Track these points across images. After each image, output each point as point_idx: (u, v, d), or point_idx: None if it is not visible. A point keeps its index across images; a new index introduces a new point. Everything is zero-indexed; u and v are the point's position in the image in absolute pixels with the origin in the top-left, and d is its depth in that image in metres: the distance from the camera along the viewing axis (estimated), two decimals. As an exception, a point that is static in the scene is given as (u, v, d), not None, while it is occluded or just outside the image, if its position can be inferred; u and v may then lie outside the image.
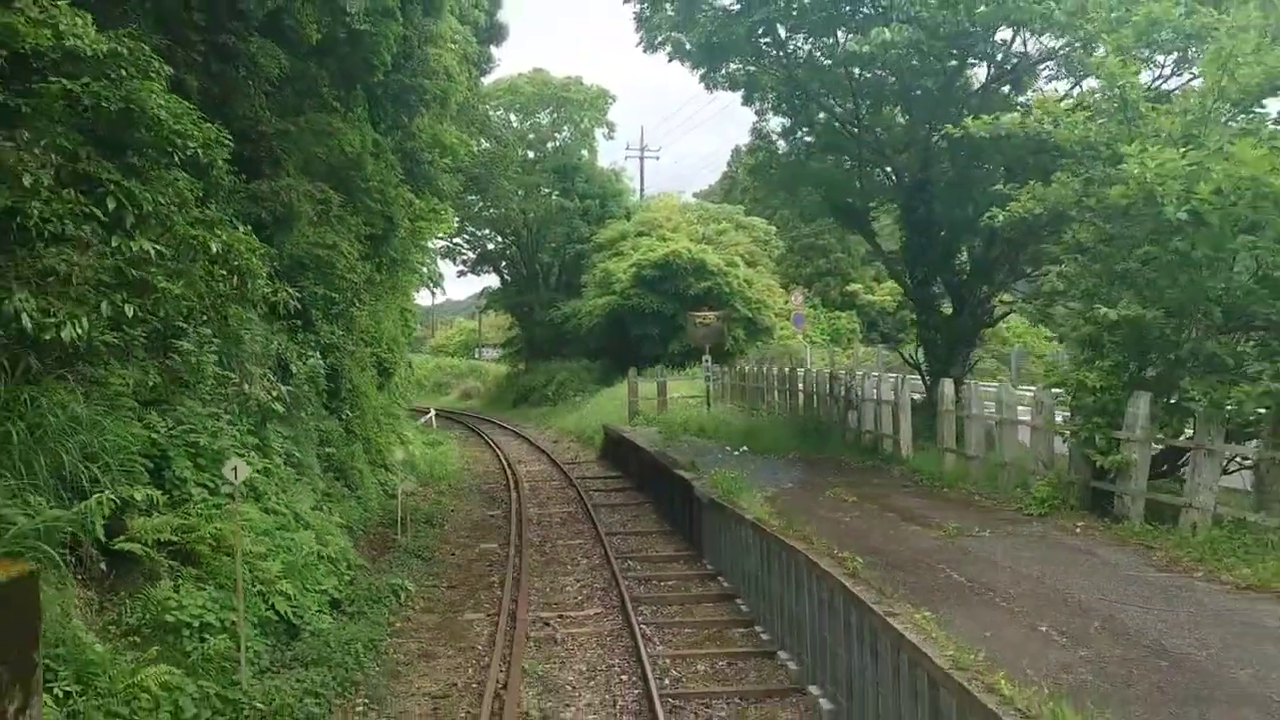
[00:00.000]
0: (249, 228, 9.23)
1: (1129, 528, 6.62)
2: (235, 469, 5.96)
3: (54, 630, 4.89)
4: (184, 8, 9.02)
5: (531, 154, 40.81)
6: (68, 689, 4.85)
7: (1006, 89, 12.63)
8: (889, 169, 13.50)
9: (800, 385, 15.05)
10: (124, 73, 6.41)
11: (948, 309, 13.33)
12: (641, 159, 46.89)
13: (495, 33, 29.52)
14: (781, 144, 16.29)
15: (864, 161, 13.60)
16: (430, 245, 24.76)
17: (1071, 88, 11.39)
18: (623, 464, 17.05)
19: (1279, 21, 7.29)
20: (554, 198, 40.03)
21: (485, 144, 37.31)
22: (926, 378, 12.58)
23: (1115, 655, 4.19)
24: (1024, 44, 11.37)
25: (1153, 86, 10.04)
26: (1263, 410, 5.76)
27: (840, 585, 5.57)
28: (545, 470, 18.34)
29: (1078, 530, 6.79)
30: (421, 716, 6.16)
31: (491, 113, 38.08)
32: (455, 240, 41.15)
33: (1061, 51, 10.72)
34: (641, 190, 47.81)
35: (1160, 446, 6.98)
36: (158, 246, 6.65)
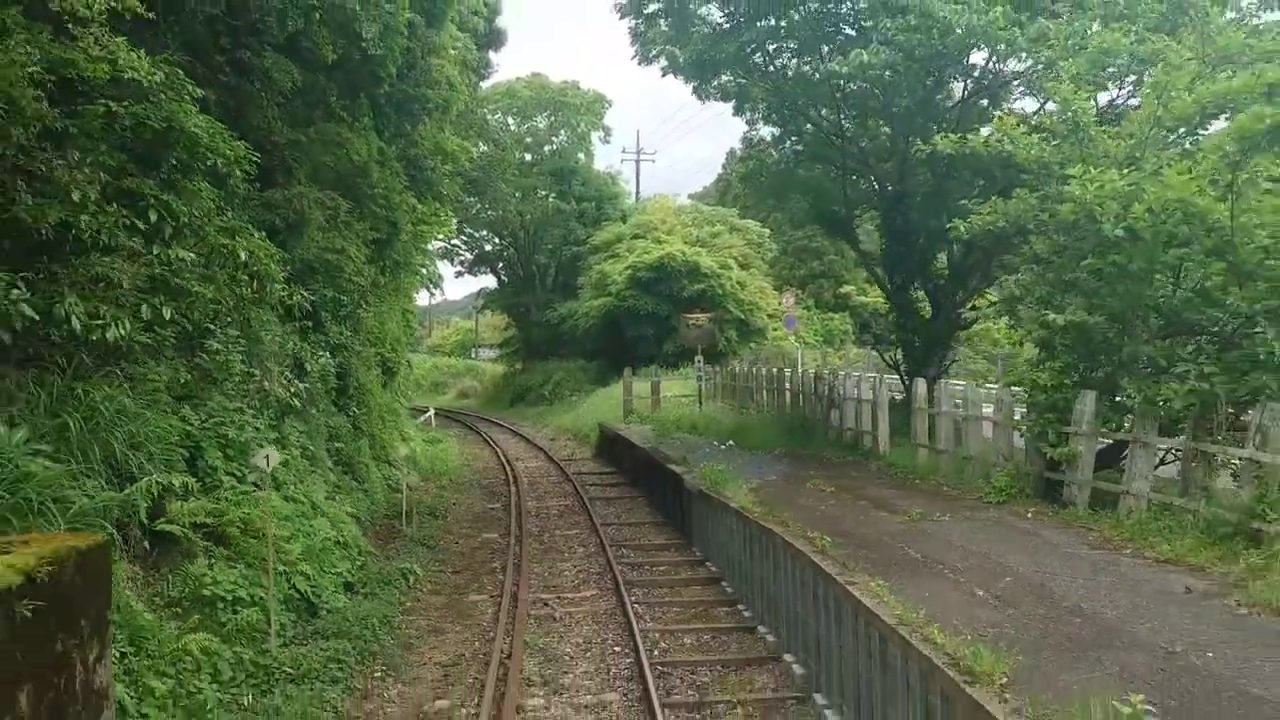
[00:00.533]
0: (263, 233, 9.85)
1: (1074, 513, 7.31)
2: (266, 457, 6.60)
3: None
4: (209, 30, 9.64)
5: (529, 156, 41.42)
6: (123, 650, 5.48)
7: (985, 102, 13.33)
8: (872, 178, 14.18)
9: (787, 385, 15.73)
10: (164, 96, 7.04)
11: (928, 312, 14.03)
12: (638, 162, 47.54)
13: (494, 38, 30.17)
14: (772, 153, 16.98)
15: (848, 171, 14.29)
16: (429, 247, 25.39)
17: (1041, 106, 12.09)
18: (617, 460, 17.69)
19: (1216, 54, 8.00)
20: (551, 200, 40.68)
21: (484, 147, 37.96)
22: (905, 378, 13.28)
23: (1038, 614, 4.86)
24: (995, 65, 12.06)
25: (1113, 104, 10.77)
26: (1189, 406, 6.44)
27: (810, 561, 6.24)
28: (542, 466, 18.97)
29: (1029, 515, 7.48)
30: (434, 681, 6.81)
31: (489, 116, 38.74)
32: (453, 241, 41.71)
33: (1026, 74, 11.42)
34: (637, 193, 48.46)
35: (1105, 440, 7.67)
36: (192, 254, 7.29)
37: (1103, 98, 10.49)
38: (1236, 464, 6.23)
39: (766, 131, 17.05)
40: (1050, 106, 9.78)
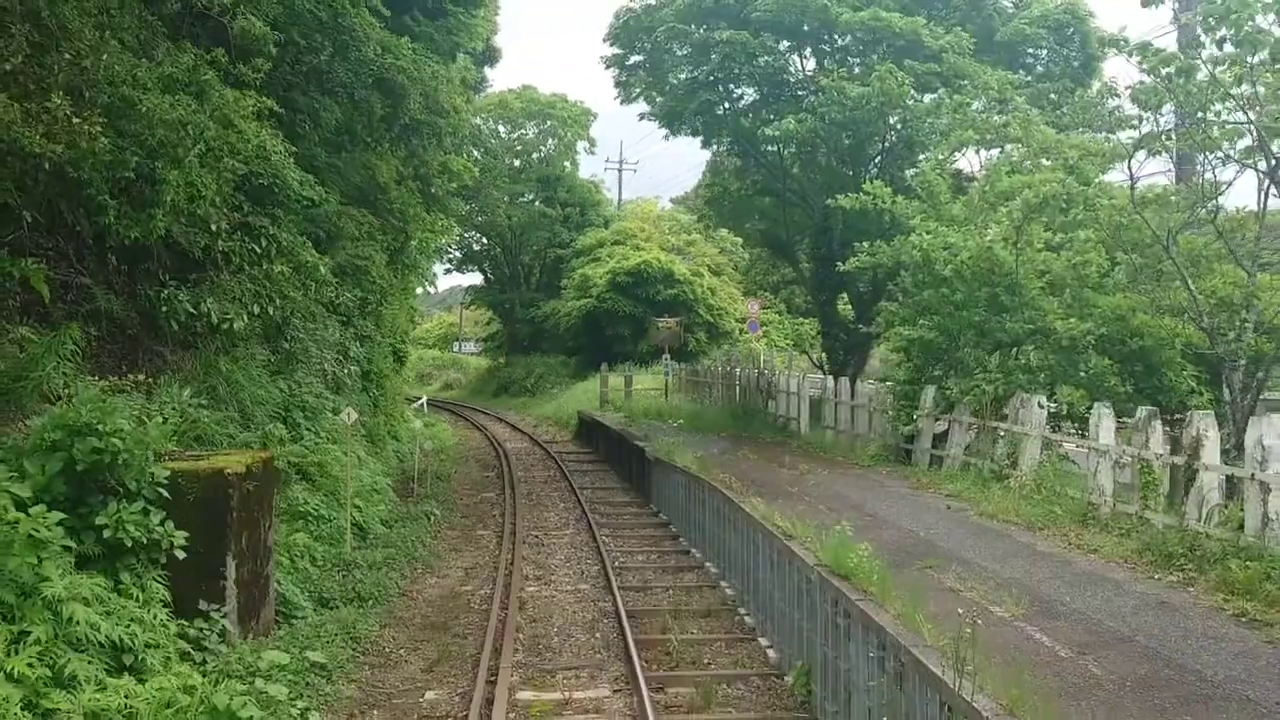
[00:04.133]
0: (308, 242, 12.56)
1: (915, 470, 10.34)
2: (348, 414, 9.40)
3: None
4: (280, 82, 12.31)
5: (517, 162, 44.01)
6: (259, 538, 8.23)
7: (911, 150, 16.38)
8: (810, 212, 17.24)
9: (737, 381, 18.74)
10: (270, 158, 9.76)
11: (854, 321, 17.09)
12: (620, 172, 50.38)
13: (490, 56, 32.81)
14: (734, 181, 20.01)
15: (789, 205, 17.33)
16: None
17: (947, 156, 15.18)
18: (593, 442, 20.58)
19: (1038, 144, 11.09)
20: (537, 205, 43.33)
21: (477, 154, 40.50)
22: (828, 377, 16.31)
23: (849, 516, 7.82)
24: (907, 126, 15.15)
25: (965, 176, 13.89)
26: (980, 397, 9.47)
27: (722, 495, 9.19)
28: (528, 447, 21.80)
29: (884, 472, 10.51)
30: (459, 577, 9.66)
31: (482, 124, 41.30)
32: (443, 241, 44.11)
33: (927, 134, 14.50)
34: (620, 199, 51.35)
35: (940, 422, 10.71)
36: (287, 268, 10.05)
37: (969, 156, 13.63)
38: (1003, 434, 9.28)
39: (730, 162, 20.08)
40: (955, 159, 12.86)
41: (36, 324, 7.52)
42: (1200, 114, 8.19)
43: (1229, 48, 7.72)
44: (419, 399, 30.69)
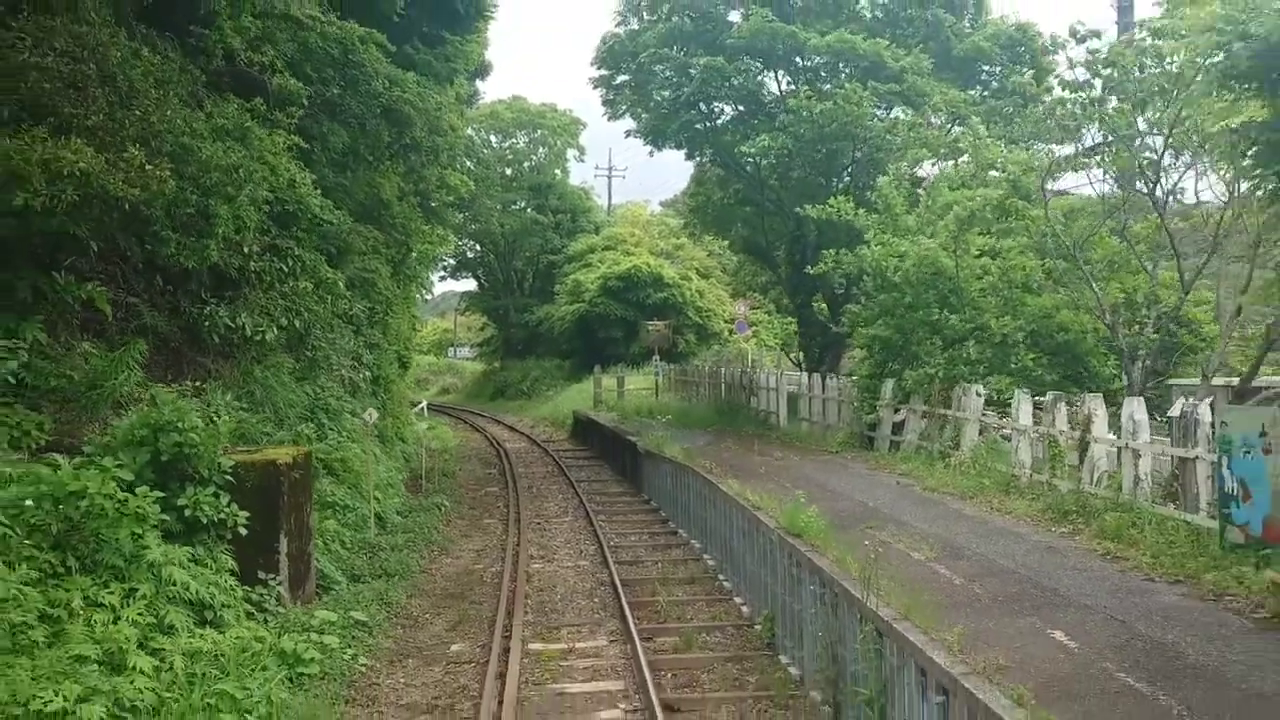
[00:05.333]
0: (322, 257, 13.68)
1: (876, 455, 11.56)
2: (370, 414, 10.55)
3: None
4: (304, 114, 13.43)
5: (509, 171, 45.13)
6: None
7: (876, 163, 17.64)
8: (786, 220, 18.49)
9: (721, 379, 19.96)
10: (297, 188, 10.91)
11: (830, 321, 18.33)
12: (610, 178, 51.62)
13: (480, 69, 33.98)
14: (717, 190, 21.25)
15: (768, 213, 18.57)
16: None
17: (905, 171, 16.45)
18: (588, 440, 21.75)
19: (984, 159, 12.33)
20: (529, 212, 44.46)
21: (470, 164, 41.60)
22: (805, 374, 17.55)
23: (816, 494, 8.98)
24: (872, 144, 16.41)
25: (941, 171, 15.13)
26: (929, 387, 10.69)
27: (703, 478, 10.39)
28: (526, 446, 22.95)
29: (849, 457, 11.73)
30: (471, 558, 10.81)
31: (474, 134, 42.42)
32: (441, 251, 45.17)
33: (888, 148, 15.78)
34: (609, 205, 52.55)
35: (898, 411, 11.94)
36: (310, 284, 11.20)
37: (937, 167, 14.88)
38: (948, 420, 10.50)
39: (714, 173, 21.33)
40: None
41: (94, 339, 8.67)
42: (1110, 136, 9.45)
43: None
44: (419, 403, 31.75)
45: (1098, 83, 9.70)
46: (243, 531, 7.06)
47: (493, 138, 45.31)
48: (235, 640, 6.23)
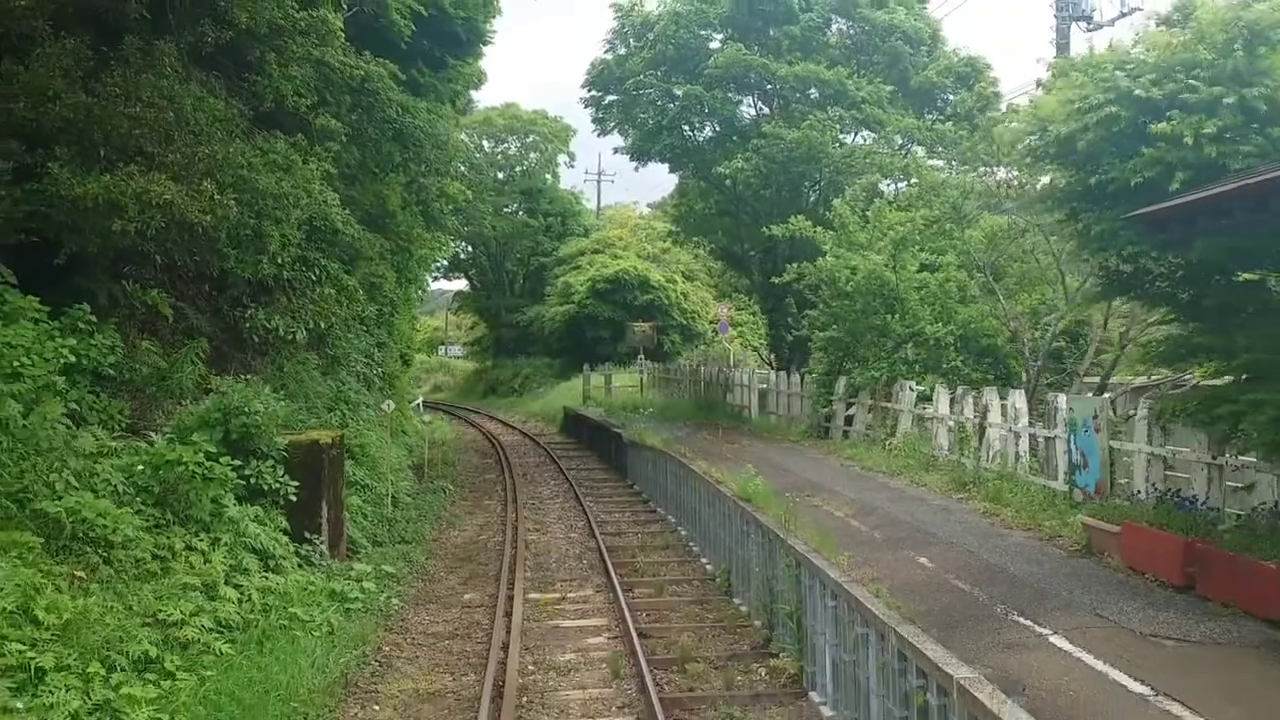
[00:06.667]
0: (342, 266, 15.18)
1: (830, 442, 13.24)
2: (388, 405, 12.10)
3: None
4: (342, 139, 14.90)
5: (501, 175, 46.56)
6: (326, 498, 10.92)
7: (837, 184, 19.37)
8: (759, 233, 20.18)
9: (701, 377, 21.64)
10: (328, 209, 12.41)
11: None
12: (599, 182, 53.09)
13: (475, 80, 35.44)
14: (699, 202, 22.89)
15: (743, 225, 20.25)
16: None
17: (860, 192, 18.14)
18: (578, 433, 23.34)
19: (927, 183, 14.04)
20: (520, 215, 45.93)
21: (463, 169, 42.98)
22: (775, 372, 19.27)
23: (771, 472, 10.63)
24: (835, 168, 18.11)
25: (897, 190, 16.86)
26: (875, 383, 12.37)
27: (678, 461, 12.02)
28: (519, 439, 24.50)
29: (806, 444, 13.41)
30: (475, 531, 12.39)
31: (467, 139, 43.84)
32: (440, 256, 46.49)
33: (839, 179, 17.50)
34: (599, 207, 54.12)
35: (850, 404, 13.64)
36: (333, 291, 12.73)
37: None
38: (889, 412, 12.20)
39: (695, 185, 22.97)
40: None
41: (151, 339, 10.18)
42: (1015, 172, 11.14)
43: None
44: (415, 400, 33.19)
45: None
46: (293, 498, 8.59)
47: (485, 143, 46.66)
48: (295, 582, 7.80)
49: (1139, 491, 6.52)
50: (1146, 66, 5.61)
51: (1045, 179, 7.42)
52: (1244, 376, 5.42)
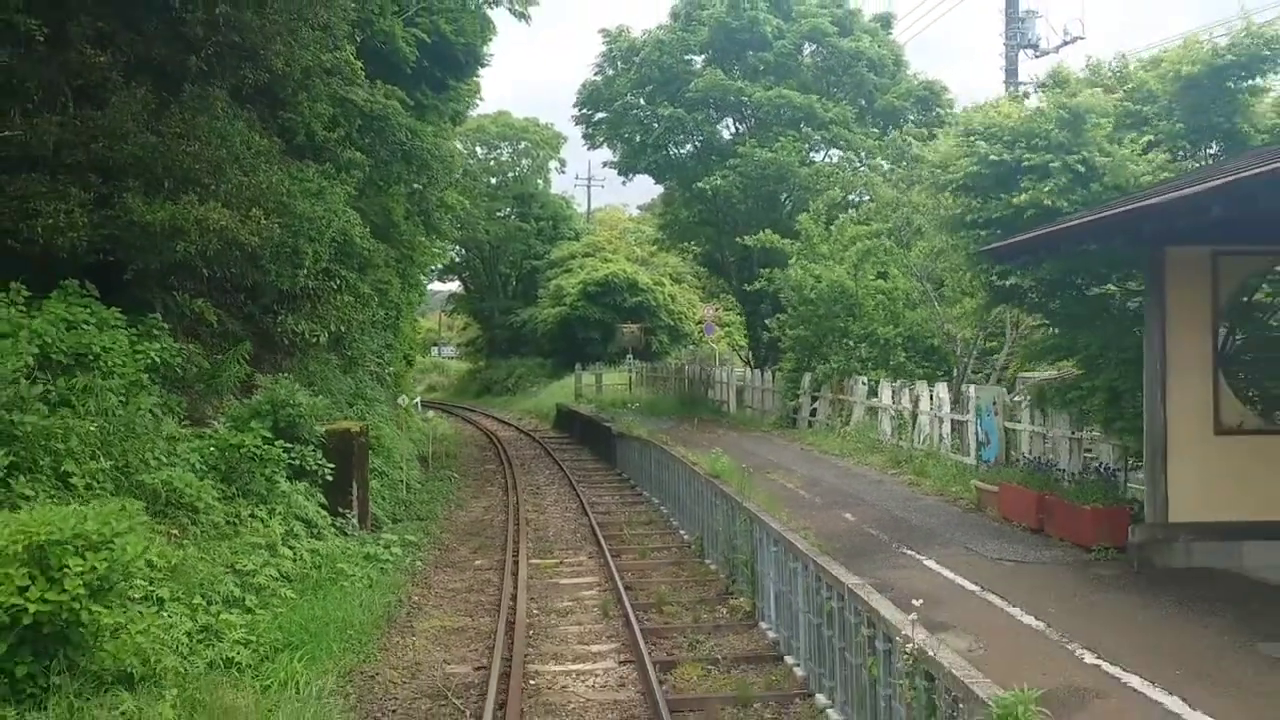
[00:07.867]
0: (359, 275, 16.64)
1: (796, 431, 14.86)
2: (404, 399, 13.62)
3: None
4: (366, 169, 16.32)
5: (494, 180, 48.03)
6: (350, 481, 12.45)
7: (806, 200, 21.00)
8: (737, 241, 21.81)
9: (685, 375, 23.25)
10: (351, 227, 13.89)
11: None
12: (589, 187, 54.65)
13: (472, 96, 36.88)
14: (683, 210, 24.48)
15: (724, 234, 21.88)
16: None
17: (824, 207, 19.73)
18: (571, 428, 24.88)
19: (882, 201, 15.67)
20: (513, 219, 47.44)
21: (458, 175, 44.43)
22: (751, 370, 20.91)
23: (741, 456, 12.20)
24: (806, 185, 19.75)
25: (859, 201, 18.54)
26: (834, 378, 13.99)
27: (661, 449, 13.62)
28: (515, 434, 26.02)
29: (775, 434, 15.02)
30: (480, 512, 13.93)
31: (461, 145, 45.27)
32: (438, 262, 47.89)
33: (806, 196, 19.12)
34: (589, 212, 55.67)
35: (814, 397, 15.25)
36: (352, 298, 14.23)
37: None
38: (845, 403, 13.83)
39: (680, 194, 24.56)
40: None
41: (195, 342, 11.66)
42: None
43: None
44: (415, 398, 34.62)
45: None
46: (329, 478, 10.11)
47: (479, 149, 48.12)
48: (335, 546, 9.33)
49: (1019, 461, 8.15)
50: (1005, 130, 7.26)
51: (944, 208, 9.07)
52: (1085, 369, 7.06)
